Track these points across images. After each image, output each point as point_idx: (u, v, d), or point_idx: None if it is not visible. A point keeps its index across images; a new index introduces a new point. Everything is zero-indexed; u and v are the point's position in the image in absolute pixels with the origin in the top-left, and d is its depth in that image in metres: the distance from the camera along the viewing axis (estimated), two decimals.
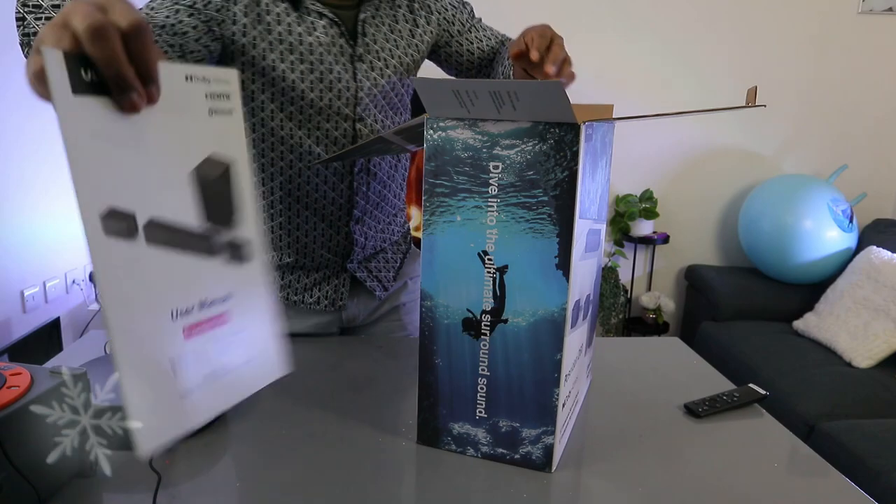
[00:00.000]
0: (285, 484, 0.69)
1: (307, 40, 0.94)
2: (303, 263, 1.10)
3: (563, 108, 0.61)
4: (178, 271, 0.42)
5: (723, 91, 2.75)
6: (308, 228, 1.06)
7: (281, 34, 0.93)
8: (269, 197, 1.04)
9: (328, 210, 1.05)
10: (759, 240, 2.61)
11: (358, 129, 1.00)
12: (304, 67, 0.95)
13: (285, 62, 0.94)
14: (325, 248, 1.08)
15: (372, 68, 0.99)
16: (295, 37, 0.94)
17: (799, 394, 1.95)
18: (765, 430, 0.85)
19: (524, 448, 0.72)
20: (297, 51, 0.94)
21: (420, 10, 1.06)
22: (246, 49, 0.93)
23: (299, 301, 1.11)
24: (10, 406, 0.58)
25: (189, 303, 0.43)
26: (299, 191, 1.03)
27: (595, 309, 0.90)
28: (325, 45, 0.96)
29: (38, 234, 2.21)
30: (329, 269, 1.11)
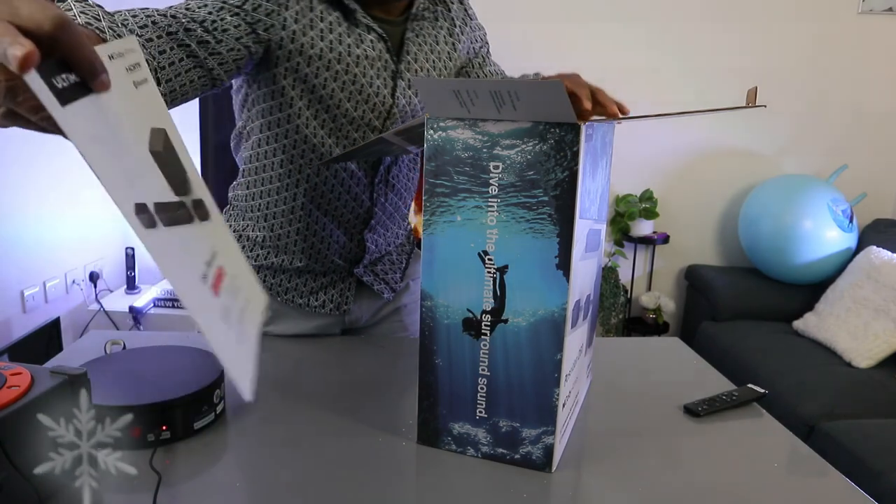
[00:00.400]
0: (285, 484, 0.69)
1: (355, 52, 0.94)
2: (312, 268, 1.10)
3: (563, 108, 0.61)
4: (187, 242, 0.45)
5: (723, 91, 2.75)
6: (325, 235, 1.06)
7: (332, 42, 0.93)
8: (290, 202, 1.04)
9: (346, 218, 1.05)
10: (759, 240, 2.61)
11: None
12: (347, 79, 0.94)
13: (329, 71, 0.93)
14: (337, 254, 1.08)
15: (409, 86, 1.00)
16: (344, 47, 0.93)
17: (799, 394, 1.95)
18: (764, 430, 0.85)
19: (524, 448, 0.72)
20: (343, 61, 0.94)
21: (460, 35, 1.07)
22: (292, 55, 0.92)
23: (304, 304, 1.11)
24: (10, 406, 0.58)
25: (203, 268, 0.46)
26: (322, 198, 1.03)
27: (595, 309, 0.90)
28: (370, 59, 0.95)
29: (38, 234, 2.21)
30: (336, 274, 1.12)
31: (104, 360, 0.85)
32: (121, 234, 2.70)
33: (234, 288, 0.50)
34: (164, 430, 0.74)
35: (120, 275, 2.67)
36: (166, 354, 0.87)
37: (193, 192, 0.48)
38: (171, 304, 2.48)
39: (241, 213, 1.11)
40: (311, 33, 0.91)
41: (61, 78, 0.39)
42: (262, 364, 1.02)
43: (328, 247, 1.07)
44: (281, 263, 1.09)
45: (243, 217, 1.11)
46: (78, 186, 2.41)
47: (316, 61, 0.92)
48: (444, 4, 1.05)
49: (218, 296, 0.46)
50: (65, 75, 0.39)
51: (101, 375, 0.80)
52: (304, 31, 0.91)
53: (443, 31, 1.04)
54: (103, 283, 2.56)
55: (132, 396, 0.75)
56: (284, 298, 1.11)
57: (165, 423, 0.74)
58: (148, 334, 1.11)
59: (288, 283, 1.10)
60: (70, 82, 0.39)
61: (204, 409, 0.78)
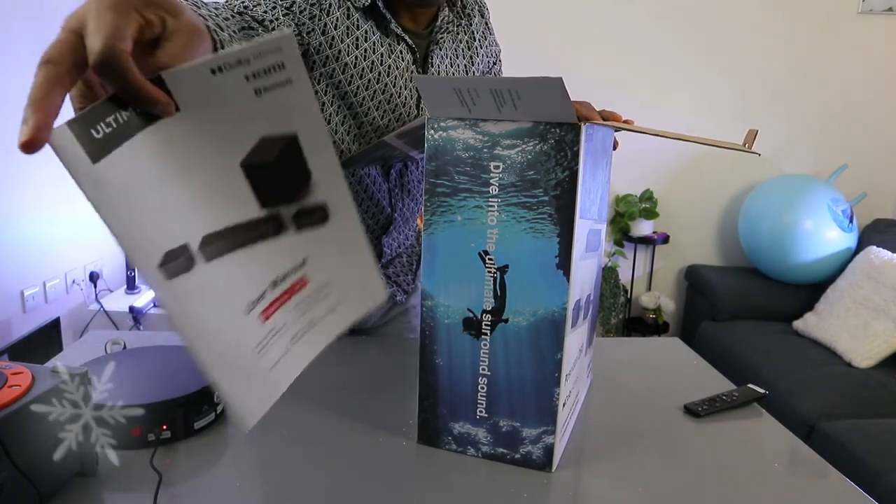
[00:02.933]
0: (285, 484, 0.69)
1: (387, 61, 0.95)
2: None
3: (564, 107, 0.61)
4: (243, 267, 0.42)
5: (723, 91, 2.75)
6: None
7: (366, 51, 0.93)
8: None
9: (368, 224, 1.06)
10: (759, 240, 2.61)
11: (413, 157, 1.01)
12: (378, 87, 0.95)
13: (362, 79, 0.94)
14: None
15: None
16: (377, 56, 0.94)
17: (799, 394, 1.95)
18: (765, 430, 0.85)
19: (524, 448, 0.72)
20: (375, 70, 0.94)
21: (478, 49, 1.07)
22: (328, 61, 0.92)
23: None
24: (11, 405, 0.58)
25: (260, 290, 0.43)
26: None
27: (595, 309, 0.90)
28: (400, 70, 0.96)
29: (38, 234, 2.21)
30: None
31: (104, 359, 0.85)
32: None
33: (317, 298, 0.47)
34: (165, 430, 0.74)
35: (120, 275, 2.67)
36: (166, 354, 0.87)
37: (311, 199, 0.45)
38: None
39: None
40: (348, 40, 0.92)
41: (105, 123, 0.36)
42: None
43: None
44: None
45: None
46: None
47: (350, 68, 0.93)
48: (467, 18, 1.06)
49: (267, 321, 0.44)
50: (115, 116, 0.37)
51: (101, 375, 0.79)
52: (342, 38, 0.91)
53: (462, 44, 1.05)
54: (103, 283, 2.56)
55: (132, 396, 0.75)
56: None
57: (166, 423, 0.74)
58: (148, 334, 1.11)
59: None
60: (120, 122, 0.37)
61: (204, 409, 0.78)
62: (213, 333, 0.41)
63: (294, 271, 0.46)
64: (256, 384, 0.45)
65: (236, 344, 0.43)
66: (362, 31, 0.93)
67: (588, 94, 2.68)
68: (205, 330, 0.40)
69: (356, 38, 0.92)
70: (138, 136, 0.37)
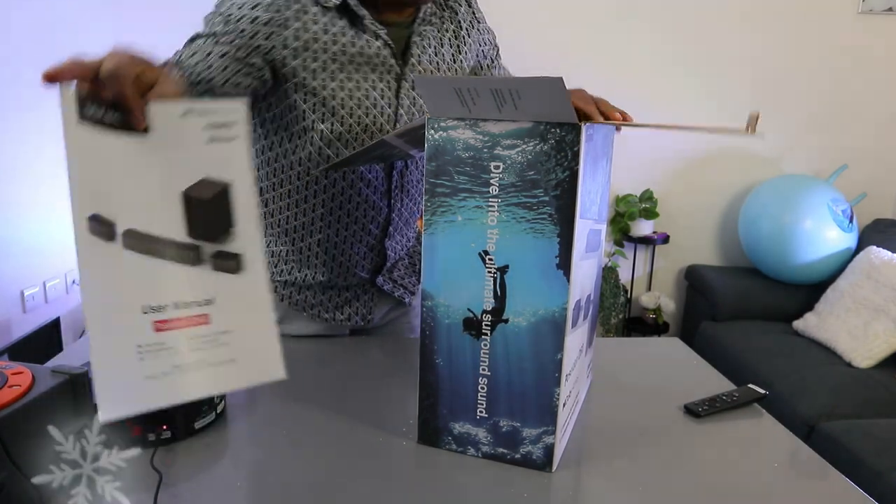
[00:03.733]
0: (285, 484, 0.69)
1: (357, 59, 0.95)
2: (335, 282, 1.10)
3: (563, 107, 0.61)
4: (152, 273, 0.49)
5: (723, 91, 2.75)
6: (345, 247, 1.06)
7: (335, 53, 0.94)
8: (310, 214, 1.04)
9: (366, 227, 1.05)
10: (759, 240, 2.61)
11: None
12: (352, 85, 0.95)
13: (335, 81, 0.94)
14: (359, 265, 1.09)
15: (413, 87, 1.00)
16: (347, 57, 0.94)
17: (799, 394, 1.95)
18: (765, 430, 0.85)
19: (524, 448, 0.72)
20: (346, 69, 0.95)
21: (466, 38, 1.07)
22: (297, 71, 0.93)
23: (331, 318, 1.12)
24: (11, 405, 0.58)
25: (162, 301, 0.49)
26: (341, 209, 1.03)
27: (595, 309, 0.90)
28: (372, 64, 0.96)
29: (38, 234, 2.21)
30: (359, 287, 1.12)
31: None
32: None
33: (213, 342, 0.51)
34: (165, 430, 0.74)
35: None
36: None
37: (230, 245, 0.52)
38: None
39: (263, 229, 1.12)
40: (315, 46, 0.92)
41: (97, 108, 0.49)
42: None
43: (349, 258, 1.07)
44: (304, 279, 1.09)
45: (265, 233, 1.11)
46: None
47: (321, 73, 0.94)
48: (451, 9, 1.05)
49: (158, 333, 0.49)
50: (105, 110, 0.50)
51: None
52: (307, 46, 0.92)
53: (448, 34, 1.05)
54: None
55: None
56: (311, 314, 1.11)
57: (166, 423, 0.74)
58: None
59: (313, 299, 1.11)
60: (106, 117, 0.49)
61: (204, 409, 0.78)
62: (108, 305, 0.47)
63: (198, 305, 0.51)
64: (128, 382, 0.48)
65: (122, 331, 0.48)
66: (330, 34, 0.94)
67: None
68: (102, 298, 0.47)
69: (323, 42, 0.93)
70: (113, 133, 0.49)
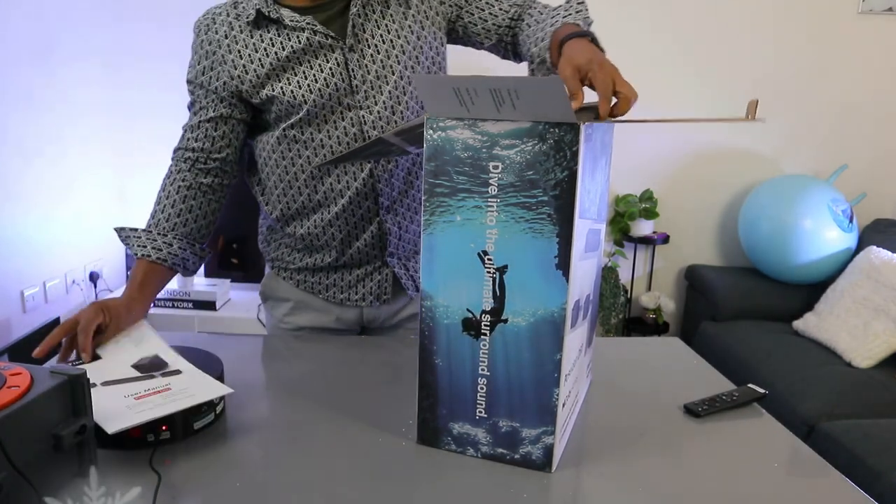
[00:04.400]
0: (285, 484, 0.69)
1: (293, 55, 1.00)
2: (344, 261, 1.12)
3: (562, 107, 0.61)
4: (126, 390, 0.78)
5: (723, 91, 2.75)
6: (340, 224, 1.08)
7: (272, 63, 1.00)
8: (297, 200, 1.08)
9: (356, 202, 1.06)
10: (759, 240, 2.61)
11: (362, 117, 1.02)
12: (299, 78, 1.00)
13: (281, 81, 1.00)
14: (359, 240, 1.10)
15: (363, 56, 1.01)
16: (282, 58, 1.00)
17: (799, 394, 1.95)
18: (765, 430, 0.85)
19: (524, 448, 0.72)
20: (288, 69, 1.00)
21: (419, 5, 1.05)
22: (252, 91, 1.02)
23: (345, 299, 1.14)
24: (10, 406, 0.58)
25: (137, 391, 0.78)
26: (323, 186, 1.06)
27: (595, 309, 0.90)
28: (311, 52, 1.00)
29: (38, 234, 2.21)
30: (370, 265, 1.14)
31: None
32: None
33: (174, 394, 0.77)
34: (164, 430, 0.74)
35: (120, 275, 2.67)
36: None
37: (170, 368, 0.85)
38: (171, 304, 2.48)
39: (273, 231, 1.17)
40: (253, 66, 1.01)
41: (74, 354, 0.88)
42: (262, 363, 1.02)
43: (348, 234, 1.09)
44: (315, 263, 1.13)
45: (273, 231, 1.17)
46: (78, 187, 2.41)
47: (268, 83, 1.01)
48: None
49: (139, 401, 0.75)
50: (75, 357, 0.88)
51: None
52: (247, 69, 1.01)
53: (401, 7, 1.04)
54: (103, 283, 2.56)
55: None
56: (326, 296, 1.14)
57: (165, 423, 0.74)
58: None
59: (327, 279, 1.14)
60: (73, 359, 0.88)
61: (204, 409, 0.78)
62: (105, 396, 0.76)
63: (162, 387, 0.79)
64: (121, 412, 0.73)
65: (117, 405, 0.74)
66: (261, 49, 1.01)
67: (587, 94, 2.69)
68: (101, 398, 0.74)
69: (259, 57, 1.01)
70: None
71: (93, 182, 2.51)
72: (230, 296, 2.61)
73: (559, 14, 0.97)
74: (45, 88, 2.17)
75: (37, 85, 2.13)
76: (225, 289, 2.56)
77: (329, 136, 1.03)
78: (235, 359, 0.96)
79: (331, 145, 1.03)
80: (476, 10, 1.08)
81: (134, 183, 2.68)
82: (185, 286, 2.48)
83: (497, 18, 1.08)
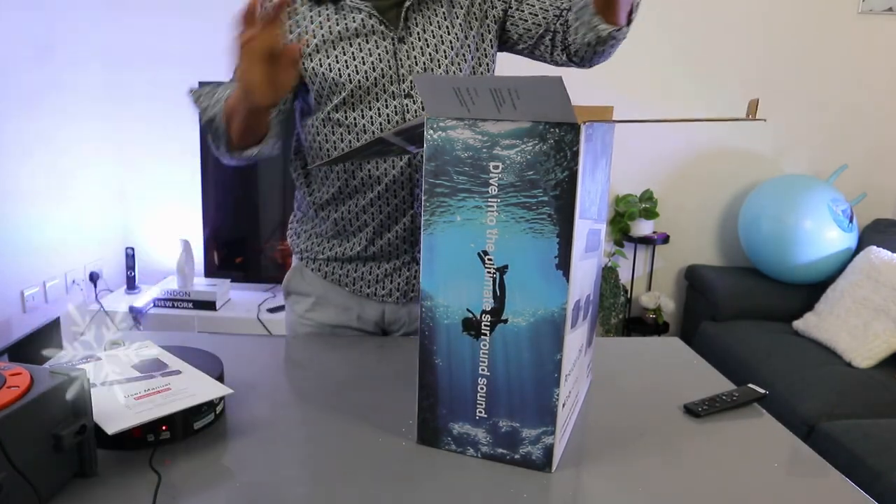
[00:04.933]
0: (285, 484, 0.69)
1: (345, 33, 1.03)
2: (373, 253, 1.12)
3: (563, 107, 0.61)
4: (126, 390, 0.77)
5: (723, 91, 2.75)
6: (374, 211, 1.09)
7: (324, 37, 1.03)
8: (335, 185, 1.09)
9: (391, 189, 1.07)
10: (759, 240, 2.61)
11: (406, 105, 1.04)
12: (347, 57, 1.03)
13: (330, 58, 1.03)
14: (392, 231, 1.10)
15: (412, 48, 1.04)
16: (334, 34, 1.03)
17: (799, 394, 1.95)
18: (765, 430, 0.85)
19: (524, 448, 0.72)
20: (337, 45, 1.03)
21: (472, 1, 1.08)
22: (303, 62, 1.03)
23: (372, 293, 1.14)
24: (10, 406, 0.58)
25: (137, 391, 0.77)
26: (362, 171, 1.07)
27: (595, 309, 0.90)
28: (364, 34, 1.03)
29: (38, 234, 2.21)
30: (399, 260, 1.14)
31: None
32: (121, 234, 2.70)
33: (174, 394, 0.77)
34: (164, 430, 0.74)
35: (120, 275, 2.67)
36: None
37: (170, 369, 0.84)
38: (171, 304, 2.48)
39: (304, 215, 1.19)
40: (306, 37, 1.03)
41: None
42: (262, 364, 1.02)
43: (381, 223, 1.10)
44: (344, 252, 1.13)
45: (307, 217, 1.19)
46: (78, 186, 2.41)
47: (316, 56, 1.03)
48: None
49: (139, 401, 0.75)
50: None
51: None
52: (300, 39, 1.04)
53: (447, 4, 1.07)
54: (103, 283, 2.56)
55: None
56: (353, 289, 1.15)
57: (165, 423, 0.74)
58: (148, 334, 1.11)
59: (355, 272, 1.14)
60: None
61: (204, 409, 0.78)
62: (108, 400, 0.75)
63: (162, 387, 0.79)
64: (121, 413, 0.73)
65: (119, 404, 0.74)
66: (316, 23, 1.03)
67: (587, 93, 2.68)
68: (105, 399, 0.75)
69: (312, 30, 1.03)
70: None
71: (93, 182, 2.51)
72: (230, 296, 2.61)
73: None
74: (44, 88, 2.17)
75: (37, 85, 2.13)
76: (225, 289, 2.56)
77: (372, 122, 1.05)
78: (235, 359, 0.96)
79: (373, 130, 1.05)
80: (527, 7, 1.12)
81: (134, 183, 2.68)
82: (185, 286, 2.48)
83: (547, 13, 1.11)
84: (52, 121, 2.21)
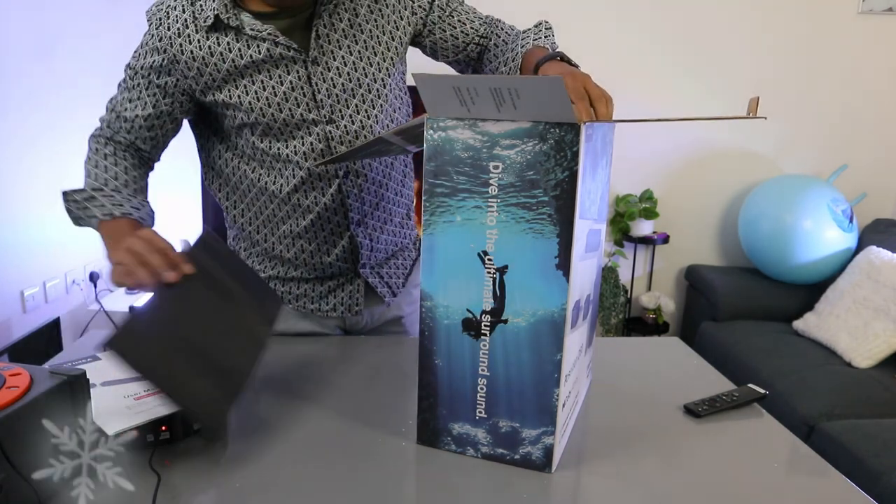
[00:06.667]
0: (285, 484, 0.69)
1: (251, 64, 0.95)
2: (313, 274, 1.10)
3: (563, 107, 0.61)
4: (125, 390, 0.78)
5: (723, 91, 2.75)
6: (309, 237, 1.05)
7: (229, 70, 0.95)
8: (262, 213, 1.05)
9: (324, 216, 1.03)
10: (759, 240, 2.61)
11: (329, 132, 0.98)
12: (257, 87, 0.95)
13: (239, 88, 0.96)
14: (331, 255, 1.07)
15: (328, 69, 0.97)
16: (241, 67, 0.95)
17: (799, 394, 1.95)
18: (765, 430, 0.85)
19: (524, 448, 0.72)
20: (246, 76, 0.95)
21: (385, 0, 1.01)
22: (206, 93, 0.97)
23: (316, 310, 1.11)
24: (9, 406, 0.58)
25: (136, 391, 0.78)
26: (291, 200, 1.02)
27: (595, 309, 0.90)
28: (273, 62, 0.95)
29: (38, 234, 2.21)
30: (343, 277, 1.11)
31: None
32: None
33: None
34: (164, 431, 0.74)
35: None
36: None
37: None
38: None
39: (238, 234, 1.14)
40: (208, 69, 0.96)
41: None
42: (261, 364, 1.02)
43: (317, 248, 1.06)
44: (286, 273, 1.10)
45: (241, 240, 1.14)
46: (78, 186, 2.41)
47: (224, 87, 0.96)
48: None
49: (137, 401, 0.76)
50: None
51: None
52: (202, 71, 0.96)
53: (363, 8, 0.99)
54: (103, 283, 2.56)
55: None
56: (296, 305, 1.12)
57: (165, 424, 0.74)
58: None
59: (297, 290, 1.11)
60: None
61: None
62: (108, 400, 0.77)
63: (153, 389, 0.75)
64: (121, 413, 0.74)
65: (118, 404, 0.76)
66: (217, 55, 0.95)
67: None
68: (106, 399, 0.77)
69: (214, 63, 0.95)
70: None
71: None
72: None
73: (529, 37, 1.01)
74: (44, 88, 2.17)
75: (36, 84, 2.13)
76: None
77: (296, 152, 0.99)
78: None
79: (297, 161, 0.99)
80: (448, 28, 1.06)
81: None
82: None
83: (467, 37, 1.06)
84: (51, 120, 2.21)
